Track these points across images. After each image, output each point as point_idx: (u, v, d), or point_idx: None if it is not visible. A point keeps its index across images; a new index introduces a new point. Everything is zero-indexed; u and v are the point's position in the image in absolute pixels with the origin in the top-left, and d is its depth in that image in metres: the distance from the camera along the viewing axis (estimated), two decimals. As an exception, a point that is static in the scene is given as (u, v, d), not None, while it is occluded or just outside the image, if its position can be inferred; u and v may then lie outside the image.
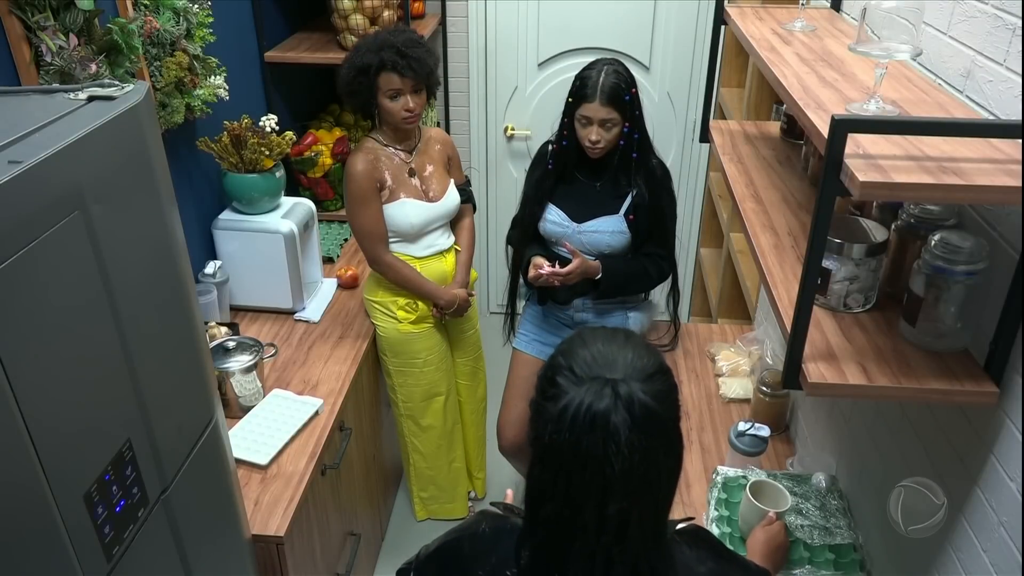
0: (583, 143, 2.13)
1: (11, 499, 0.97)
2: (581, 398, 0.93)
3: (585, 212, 2.22)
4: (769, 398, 2.07)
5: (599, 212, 2.21)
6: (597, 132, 2.09)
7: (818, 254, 1.13)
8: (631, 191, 2.19)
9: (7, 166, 0.94)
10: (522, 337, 2.48)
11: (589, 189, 2.23)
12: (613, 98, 2.05)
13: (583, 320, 2.35)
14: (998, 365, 1.17)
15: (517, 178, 3.87)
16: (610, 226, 2.20)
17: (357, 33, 2.77)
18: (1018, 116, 1.15)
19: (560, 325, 2.40)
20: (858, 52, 1.22)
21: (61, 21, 1.67)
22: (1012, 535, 1.15)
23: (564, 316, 2.37)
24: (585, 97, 2.06)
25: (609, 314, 2.34)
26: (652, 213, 2.21)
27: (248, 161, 2.35)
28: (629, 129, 2.11)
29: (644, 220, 2.21)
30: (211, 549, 1.47)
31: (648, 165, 2.19)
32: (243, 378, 2.06)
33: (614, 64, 2.10)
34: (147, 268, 1.23)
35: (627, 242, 2.22)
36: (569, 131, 2.15)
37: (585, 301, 2.31)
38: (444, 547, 1.16)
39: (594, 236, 2.21)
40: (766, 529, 1.54)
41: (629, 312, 2.35)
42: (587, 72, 2.09)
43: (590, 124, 2.09)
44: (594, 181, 2.22)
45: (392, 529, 2.84)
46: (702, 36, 3.46)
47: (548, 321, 2.43)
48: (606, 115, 2.06)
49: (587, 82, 2.07)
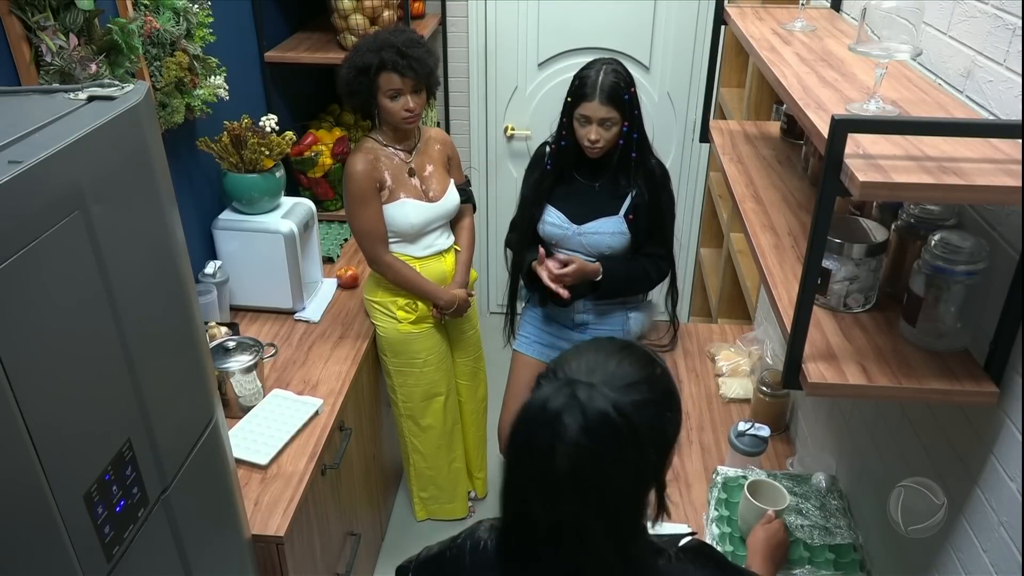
0: (582, 143, 2.13)
1: (11, 499, 0.97)
2: (543, 395, 0.95)
3: (585, 213, 2.22)
4: (769, 398, 2.07)
5: (599, 213, 2.21)
6: (596, 131, 2.09)
7: (818, 254, 1.13)
8: (631, 191, 2.19)
9: (7, 166, 0.94)
10: (523, 339, 2.48)
11: (588, 190, 2.22)
12: (612, 97, 2.05)
13: (584, 321, 2.34)
14: (998, 365, 1.17)
15: (517, 178, 3.87)
16: (610, 227, 2.20)
17: (357, 33, 2.77)
18: (1018, 116, 1.15)
19: (561, 327, 2.39)
20: (858, 52, 1.22)
21: (61, 21, 1.67)
22: (1012, 535, 1.15)
23: (565, 317, 2.37)
24: (584, 96, 2.07)
25: (610, 315, 2.34)
26: (651, 213, 2.21)
27: (248, 161, 2.35)
28: (628, 128, 2.11)
29: (644, 220, 2.20)
30: (211, 549, 1.47)
31: (647, 165, 2.19)
32: (243, 378, 2.06)
33: (613, 64, 2.10)
34: (147, 268, 1.23)
35: (627, 243, 2.21)
36: (568, 131, 2.15)
37: (586, 302, 2.31)
38: (445, 555, 1.16)
39: (594, 237, 2.21)
40: (766, 527, 1.54)
41: (630, 313, 2.35)
42: (586, 72, 2.09)
43: (589, 123, 2.09)
44: (593, 182, 2.22)
45: (392, 529, 2.84)
46: (702, 36, 3.46)
47: (549, 323, 2.42)
48: (606, 114, 2.06)
49: (586, 81, 2.07)
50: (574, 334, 2.35)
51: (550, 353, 2.38)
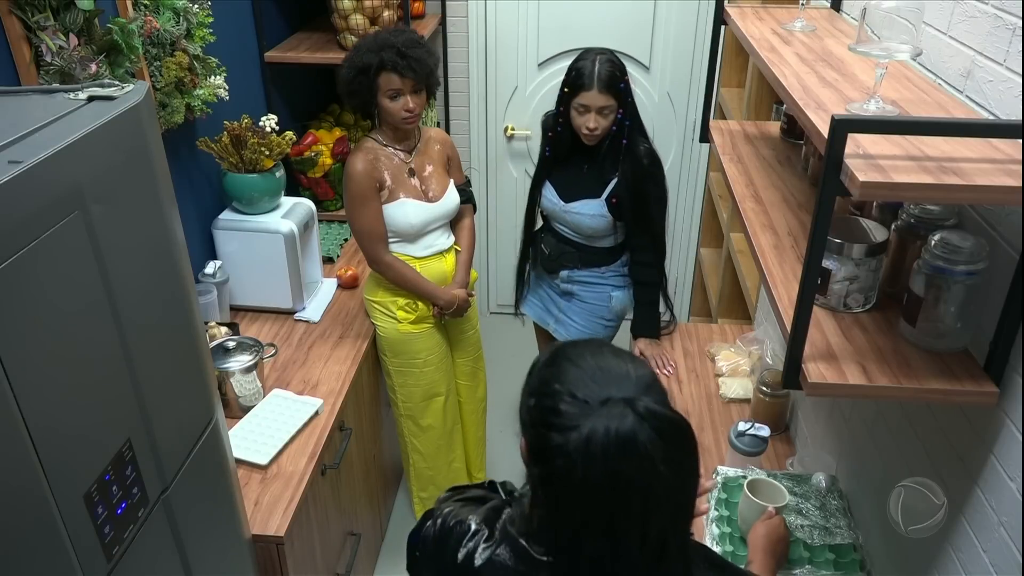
0: (579, 131, 2.23)
1: (11, 499, 0.97)
2: (604, 425, 0.88)
3: (572, 192, 2.35)
4: (769, 398, 2.07)
5: (583, 195, 2.33)
6: (595, 119, 2.19)
7: (818, 254, 1.13)
8: (614, 176, 2.28)
9: (7, 166, 0.94)
10: (526, 299, 2.66)
11: (578, 171, 2.34)
12: (610, 86, 2.15)
13: (568, 290, 2.49)
14: (998, 365, 1.17)
15: (517, 178, 3.87)
16: (590, 209, 2.33)
17: (357, 33, 2.77)
18: (1018, 116, 1.15)
19: (551, 291, 2.55)
20: (858, 52, 1.22)
21: (61, 21, 1.67)
22: (1012, 535, 1.15)
23: (553, 284, 2.53)
24: (583, 86, 2.16)
25: (592, 286, 2.46)
26: (635, 200, 2.29)
27: (248, 161, 2.35)
28: (622, 115, 2.20)
29: (627, 206, 2.30)
30: (211, 549, 1.47)
31: (636, 152, 2.27)
32: (243, 378, 2.06)
33: (606, 53, 2.21)
34: (147, 268, 1.23)
35: (607, 225, 2.34)
36: (564, 119, 2.25)
37: (570, 273, 2.44)
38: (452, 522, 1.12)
39: (576, 217, 2.35)
40: (767, 523, 1.54)
41: (613, 292, 2.46)
42: (581, 62, 2.19)
43: (588, 112, 2.19)
44: (584, 164, 2.33)
45: (392, 529, 2.84)
46: (702, 36, 3.46)
47: (540, 285, 2.60)
48: (604, 102, 2.16)
49: (583, 71, 2.16)
50: (562, 301, 2.53)
51: (541, 314, 2.61)
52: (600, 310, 2.48)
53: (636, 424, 0.88)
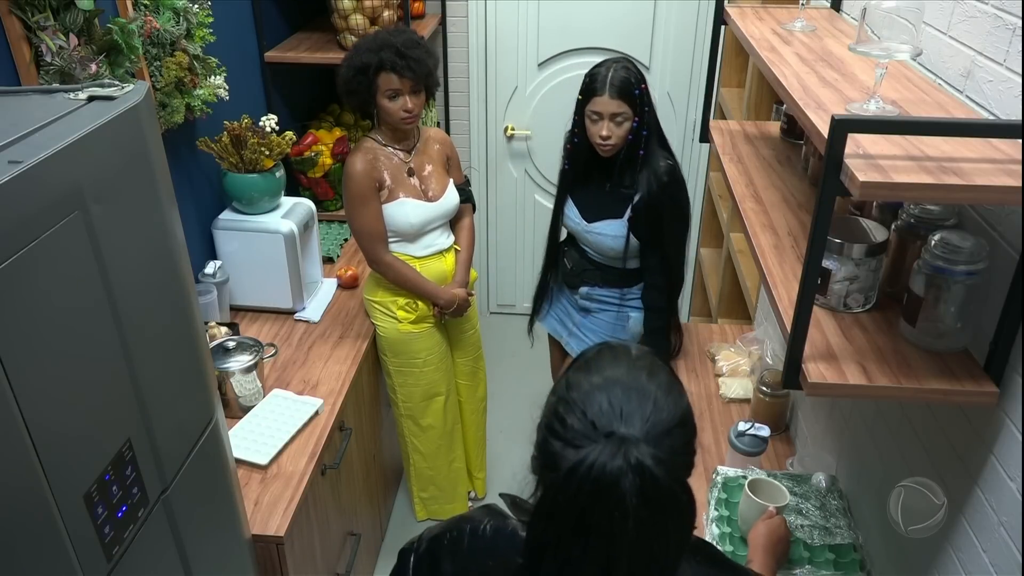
0: (593, 140, 2.14)
1: (11, 499, 0.97)
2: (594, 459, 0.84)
3: (594, 212, 2.26)
4: (769, 398, 2.07)
5: (605, 214, 2.24)
6: (608, 127, 2.10)
7: (818, 254, 1.13)
8: (636, 193, 2.17)
9: (7, 166, 0.94)
10: (546, 312, 2.55)
11: (600, 189, 2.26)
12: (623, 91, 2.07)
13: (585, 307, 2.41)
14: (998, 365, 1.17)
15: (517, 178, 3.87)
16: (612, 230, 2.23)
17: (357, 33, 2.77)
18: (1018, 116, 1.15)
19: (569, 306, 2.47)
20: (858, 52, 1.22)
21: (61, 21, 1.67)
22: (1012, 535, 1.15)
23: (571, 298, 2.46)
24: (595, 91, 2.09)
25: (610, 305, 2.37)
26: (649, 215, 2.18)
27: (248, 161, 2.35)
28: (638, 125, 2.12)
29: (644, 225, 2.20)
30: (211, 549, 1.47)
31: (654, 166, 2.16)
32: (243, 378, 2.06)
33: (623, 61, 2.14)
34: (147, 268, 1.23)
35: (631, 246, 2.24)
36: (580, 129, 2.18)
37: (591, 290, 2.37)
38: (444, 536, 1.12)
39: (599, 237, 2.26)
40: (767, 522, 1.54)
41: (631, 312, 2.36)
42: (596, 69, 2.13)
43: (600, 119, 2.11)
44: (605, 181, 2.24)
45: (392, 529, 2.84)
46: (702, 36, 3.46)
47: (559, 298, 2.52)
48: (616, 108, 2.08)
49: (596, 77, 2.10)
50: (578, 316, 2.44)
51: (558, 328, 2.51)
52: (616, 330, 2.37)
53: (619, 472, 0.83)
